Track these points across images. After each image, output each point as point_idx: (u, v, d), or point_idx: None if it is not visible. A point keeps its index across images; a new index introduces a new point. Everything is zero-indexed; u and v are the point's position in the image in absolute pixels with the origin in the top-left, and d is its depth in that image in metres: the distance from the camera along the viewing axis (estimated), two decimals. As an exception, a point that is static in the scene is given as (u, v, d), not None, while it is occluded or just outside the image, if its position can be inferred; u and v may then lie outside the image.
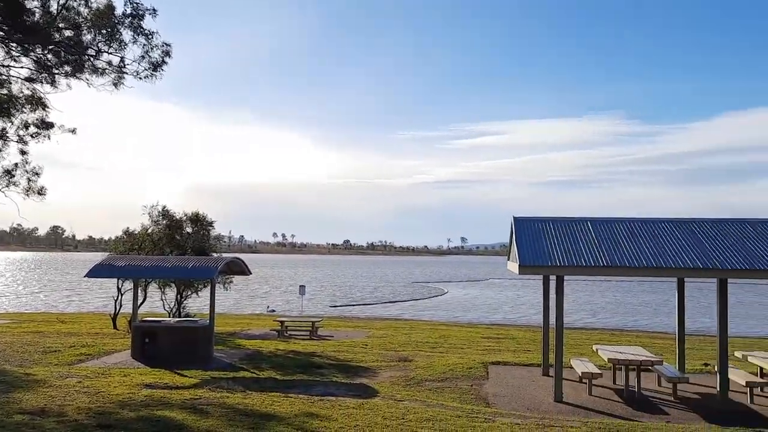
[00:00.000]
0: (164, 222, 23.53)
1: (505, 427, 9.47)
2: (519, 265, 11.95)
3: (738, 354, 14.43)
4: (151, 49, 14.13)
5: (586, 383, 12.93)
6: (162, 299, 23.48)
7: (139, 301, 18.75)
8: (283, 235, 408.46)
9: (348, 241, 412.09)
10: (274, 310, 39.32)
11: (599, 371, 12.90)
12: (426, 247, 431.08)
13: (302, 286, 36.55)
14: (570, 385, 13.30)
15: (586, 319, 38.33)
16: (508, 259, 14.63)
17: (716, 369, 12.05)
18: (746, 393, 12.34)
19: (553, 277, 12.86)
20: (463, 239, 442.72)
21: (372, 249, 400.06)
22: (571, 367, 14.36)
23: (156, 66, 14.19)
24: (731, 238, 12.44)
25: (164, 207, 23.80)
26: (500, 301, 52.09)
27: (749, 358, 13.54)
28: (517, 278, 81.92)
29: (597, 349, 14.24)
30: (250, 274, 19.40)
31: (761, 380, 12.38)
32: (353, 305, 46.07)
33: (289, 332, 22.74)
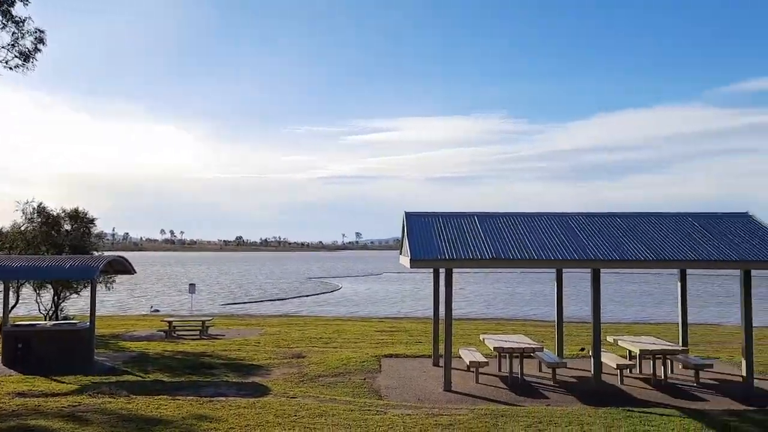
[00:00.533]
0: (39, 219, 21.99)
1: (396, 418, 9.67)
2: (410, 259, 12.20)
3: (610, 338, 15.52)
4: (22, 36, 13.16)
5: (473, 372, 13.43)
6: (37, 301, 21.95)
7: (11, 304, 17.42)
8: (172, 232, 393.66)
9: (240, 237, 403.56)
10: (158, 310, 37.79)
11: (486, 360, 13.46)
12: (321, 242, 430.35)
13: (192, 285, 35.37)
14: (459, 374, 13.77)
15: (482, 309, 39.84)
16: (401, 254, 14.90)
17: (591, 353, 12.91)
18: (617, 375, 13.29)
19: (442, 270, 13.24)
20: (357, 234, 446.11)
21: (265, 245, 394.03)
22: (460, 357, 14.88)
23: (27, 55, 13.24)
24: (603, 231, 13.34)
25: (40, 204, 22.26)
26: (395, 294, 52.94)
27: (619, 342, 14.60)
28: (413, 272, 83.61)
29: (484, 339, 14.83)
30: (135, 273, 18.55)
31: (629, 362, 13.40)
32: (247, 303, 45.19)
33: (177, 333, 21.96)
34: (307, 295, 52.44)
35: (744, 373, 12.41)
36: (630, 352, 14.49)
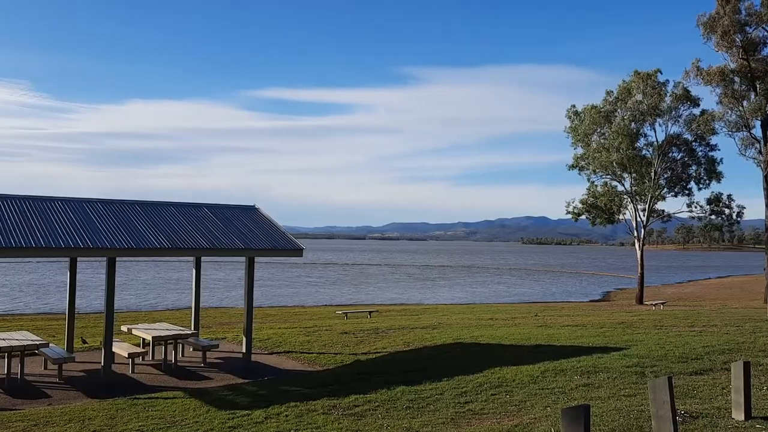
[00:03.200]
0: None
1: None
2: None
3: (124, 327, 15.31)
4: None
5: (-42, 379, 11.48)
6: None
7: None
8: None
9: None
10: None
11: (-25, 363, 11.67)
12: None
13: None
14: (-62, 383, 11.58)
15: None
16: None
17: (102, 344, 12.48)
18: (129, 363, 13.19)
19: None
20: None
21: None
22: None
23: None
24: (122, 219, 13.07)
25: None
26: None
27: (134, 331, 14.54)
28: None
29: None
30: None
31: (142, 350, 13.46)
32: None
33: None
34: None
35: (244, 350, 13.86)
36: (144, 339, 14.57)
